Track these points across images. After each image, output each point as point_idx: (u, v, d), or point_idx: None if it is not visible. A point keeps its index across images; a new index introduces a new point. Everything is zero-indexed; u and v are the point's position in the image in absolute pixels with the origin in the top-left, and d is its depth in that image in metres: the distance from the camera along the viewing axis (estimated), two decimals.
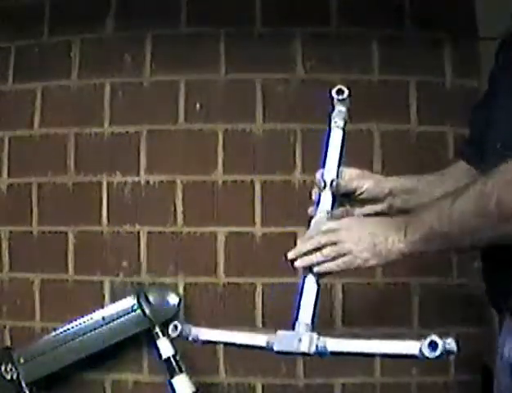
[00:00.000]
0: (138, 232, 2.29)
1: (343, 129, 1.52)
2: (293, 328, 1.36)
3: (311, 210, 1.46)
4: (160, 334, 2.07)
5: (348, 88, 1.53)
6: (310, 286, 1.38)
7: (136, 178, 2.31)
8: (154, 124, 2.32)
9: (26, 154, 2.35)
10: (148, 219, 2.30)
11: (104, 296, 2.29)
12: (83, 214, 2.32)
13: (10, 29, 2.35)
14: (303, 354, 1.32)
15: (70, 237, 2.31)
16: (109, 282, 2.28)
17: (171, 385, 2.06)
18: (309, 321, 1.36)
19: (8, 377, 2.11)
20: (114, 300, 2.22)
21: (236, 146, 2.30)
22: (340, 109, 1.54)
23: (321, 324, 2.25)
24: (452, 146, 2.23)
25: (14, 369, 2.12)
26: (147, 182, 2.30)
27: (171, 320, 2.23)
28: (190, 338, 1.42)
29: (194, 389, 2.08)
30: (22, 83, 2.35)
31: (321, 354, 1.30)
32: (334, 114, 1.53)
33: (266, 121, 2.28)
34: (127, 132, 2.32)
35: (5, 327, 2.32)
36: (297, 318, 1.37)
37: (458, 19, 2.24)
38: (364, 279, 2.25)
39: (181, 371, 2.06)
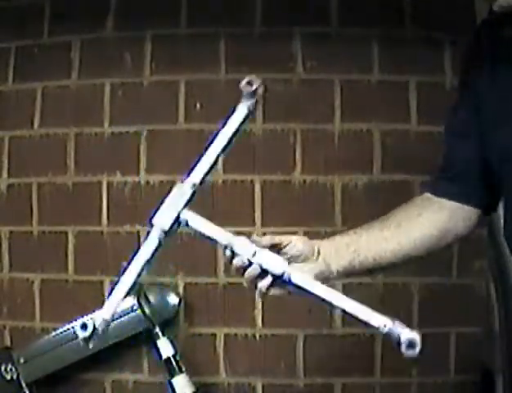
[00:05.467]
0: (138, 232, 2.29)
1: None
2: None
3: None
4: (160, 334, 2.08)
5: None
6: None
7: (136, 178, 2.31)
8: (154, 124, 2.32)
9: (26, 154, 2.35)
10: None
11: (104, 296, 2.29)
12: (83, 214, 2.32)
13: (10, 29, 2.35)
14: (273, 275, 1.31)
15: (70, 237, 2.31)
16: (109, 282, 2.28)
17: (171, 385, 2.06)
18: None
19: (8, 377, 2.11)
20: None
21: (236, 146, 2.29)
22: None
23: (320, 324, 2.26)
24: None
25: (14, 369, 2.12)
26: (147, 182, 2.30)
27: (171, 320, 2.25)
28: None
29: (194, 389, 2.08)
30: (22, 83, 2.35)
31: (284, 280, 1.30)
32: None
33: (266, 121, 2.28)
34: (127, 132, 2.32)
35: (5, 327, 2.32)
36: None
37: (458, 19, 2.24)
38: (364, 279, 2.25)
39: (181, 371, 2.06)
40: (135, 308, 2.15)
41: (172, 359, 2.06)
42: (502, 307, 2.22)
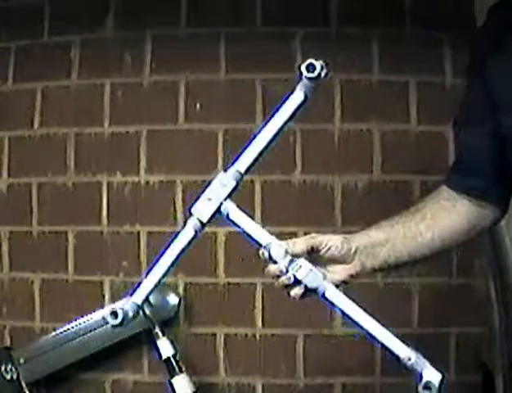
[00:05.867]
0: (138, 232, 2.29)
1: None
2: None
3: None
4: (160, 334, 2.08)
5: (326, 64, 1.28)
6: None
7: (136, 178, 2.31)
8: (154, 124, 2.32)
9: (26, 154, 2.35)
10: (148, 219, 2.30)
11: (104, 296, 2.29)
12: (83, 214, 2.32)
13: (10, 29, 2.35)
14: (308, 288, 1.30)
15: (70, 237, 2.31)
16: (109, 282, 2.28)
17: (171, 385, 2.06)
18: None
19: (8, 377, 2.11)
20: (114, 300, 2.22)
21: (236, 146, 2.28)
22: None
23: (320, 324, 2.26)
24: (452, 146, 2.23)
25: (14, 369, 2.12)
26: (147, 182, 2.30)
27: (171, 320, 2.25)
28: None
29: (194, 389, 2.08)
30: (22, 83, 2.35)
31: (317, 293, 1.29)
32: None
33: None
34: (127, 132, 2.32)
35: (5, 327, 2.32)
36: None
37: (458, 19, 2.24)
38: (364, 279, 2.24)
39: (181, 371, 2.06)
40: None
41: (172, 359, 2.06)
42: (502, 307, 2.22)
